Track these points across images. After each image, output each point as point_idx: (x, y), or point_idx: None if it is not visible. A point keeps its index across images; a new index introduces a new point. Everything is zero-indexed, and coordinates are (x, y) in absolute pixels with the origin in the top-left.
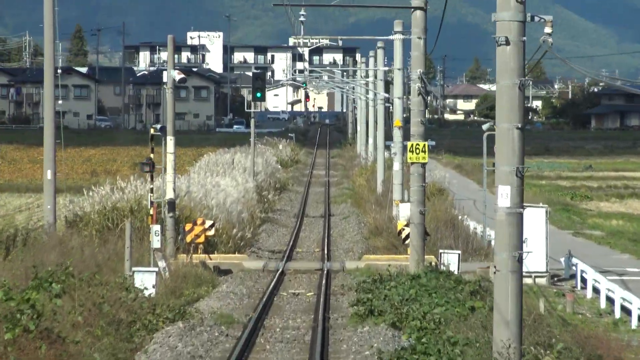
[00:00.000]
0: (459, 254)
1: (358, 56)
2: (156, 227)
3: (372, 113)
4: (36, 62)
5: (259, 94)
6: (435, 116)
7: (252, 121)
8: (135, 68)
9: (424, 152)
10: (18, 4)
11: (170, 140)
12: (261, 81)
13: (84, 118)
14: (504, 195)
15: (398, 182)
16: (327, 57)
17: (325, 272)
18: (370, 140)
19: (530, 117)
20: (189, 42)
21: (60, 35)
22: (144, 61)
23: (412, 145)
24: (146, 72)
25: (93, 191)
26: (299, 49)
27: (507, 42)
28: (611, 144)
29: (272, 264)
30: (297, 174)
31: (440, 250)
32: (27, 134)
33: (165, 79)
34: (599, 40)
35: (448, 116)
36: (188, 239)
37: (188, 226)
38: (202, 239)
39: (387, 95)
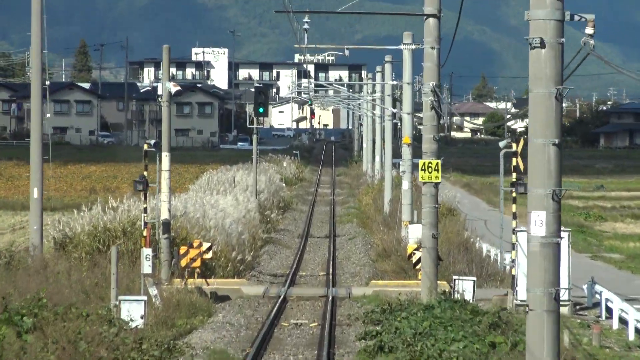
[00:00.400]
0: (474, 281)
1: (364, 73)
2: (147, 251)
3: (379, 130)
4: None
5: (261, 109)
6: (442, 134)
7: (255, 137)
8: (139, 84)
9: (437, 170)
10: (24, 20)
11: (165, 157)
12: (264, 96)
13: (86, 134)
14: (538, 223)
15: (407, 202)
16: (333, 74)
17: (330, 299)
18: (377, 158)
19: None
20: (194, 58)
21: (65, 51)
22: (148, 77)
23: (424, 163)
24: (149, 88)
25: (83, 211)
26: (304, 65)
27: (542, 45)
28: (621, 163)
29: (273, 290)
30: (301, 192)
31: (455, 277)
32: (29, 150)
33: (160, 92)
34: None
35: (455, 134)
36: (183, 263)
37: (183, 249)
38: (197, 263)
39: (395, 110)
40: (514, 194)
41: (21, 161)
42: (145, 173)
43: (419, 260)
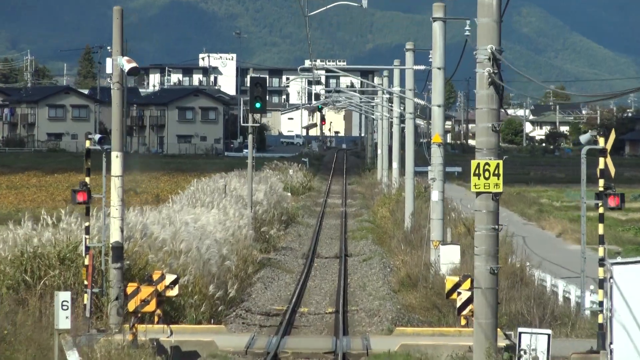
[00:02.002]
0: (549, 336)
1: (376, 80)
2: (63, 296)
3: (396, 132)
4: (43, 84)
5: (258, 104)
6: (458, 141)
7: (250, 138)
8: (143, 90)
9: (498, 175)
10: (34, 30)
11: (116, 158)
12: (261, 88)
13: (82, 140)
14: None
15: (437, 218)
16: (345, 81)
17: (340, 357)
18: (395, 165)
19: (558, 143)
20: (201, 64)
21: (67, 56)
22: (153, 83)
23: (477, 165)
24: (150, 92)
25: (10, 229)
26: (316, 71)
27: None
28: None
29: (261, 340)
30: (309, 202)
31: (520, 329)
32: (22, 157)
33: (110, 70)
34: (618, 69)
35: (471, 142)
36: (130, 306)
37: (131, 287)
38: (152, 306)
39: (422, 102)
40: (600, 209)
41: (7, 169)
42: (87, 179)
43: (465, 304)
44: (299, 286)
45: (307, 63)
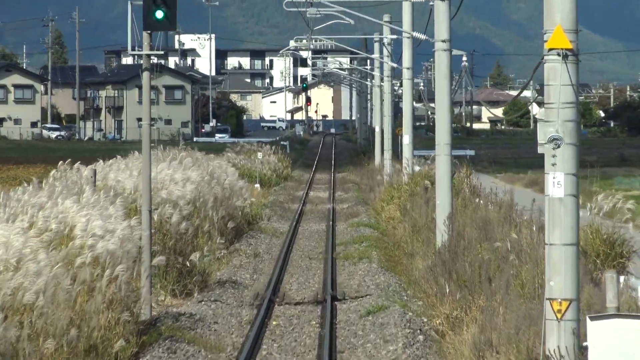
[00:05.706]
0: None
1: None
2: None
3: (408, 89)
4: None
5: (160, 12)
6: (461, 125)
7: (145, 82)
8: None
9: None
10: (21, 23)
11: None
12: None
13: (27, 126)
14: None
15: (566, 242)
16: (333, 62)
17: None
18: (406, 139)
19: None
20: (177, 46)
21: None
22: None
23: None
24: (106, 70)
25: None
26: (301, 52)
27: None
28: None
29: None
30: (283, 197)
31: None
32: None
33: None
34: (608, 54)
35: (476, 125)
36: None
37: None
38: None
39: None
40: None
41: None
42: None
43: None
44: None
45: (292, 43)
